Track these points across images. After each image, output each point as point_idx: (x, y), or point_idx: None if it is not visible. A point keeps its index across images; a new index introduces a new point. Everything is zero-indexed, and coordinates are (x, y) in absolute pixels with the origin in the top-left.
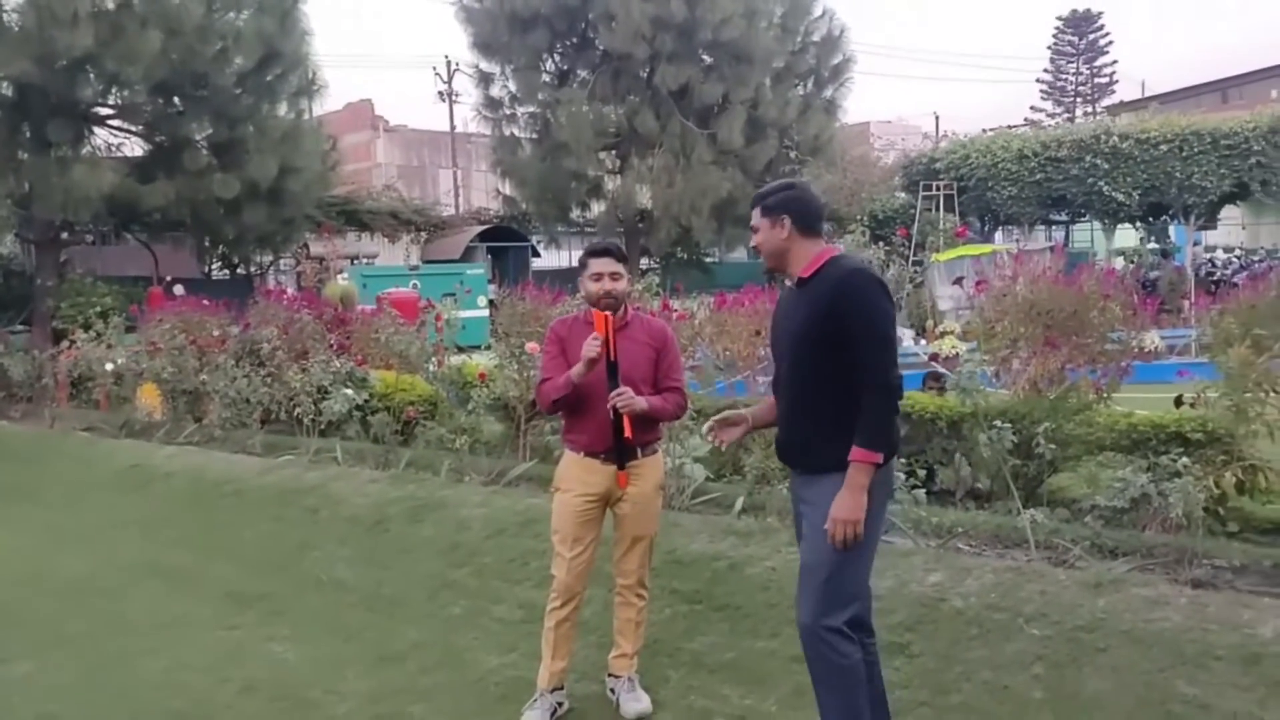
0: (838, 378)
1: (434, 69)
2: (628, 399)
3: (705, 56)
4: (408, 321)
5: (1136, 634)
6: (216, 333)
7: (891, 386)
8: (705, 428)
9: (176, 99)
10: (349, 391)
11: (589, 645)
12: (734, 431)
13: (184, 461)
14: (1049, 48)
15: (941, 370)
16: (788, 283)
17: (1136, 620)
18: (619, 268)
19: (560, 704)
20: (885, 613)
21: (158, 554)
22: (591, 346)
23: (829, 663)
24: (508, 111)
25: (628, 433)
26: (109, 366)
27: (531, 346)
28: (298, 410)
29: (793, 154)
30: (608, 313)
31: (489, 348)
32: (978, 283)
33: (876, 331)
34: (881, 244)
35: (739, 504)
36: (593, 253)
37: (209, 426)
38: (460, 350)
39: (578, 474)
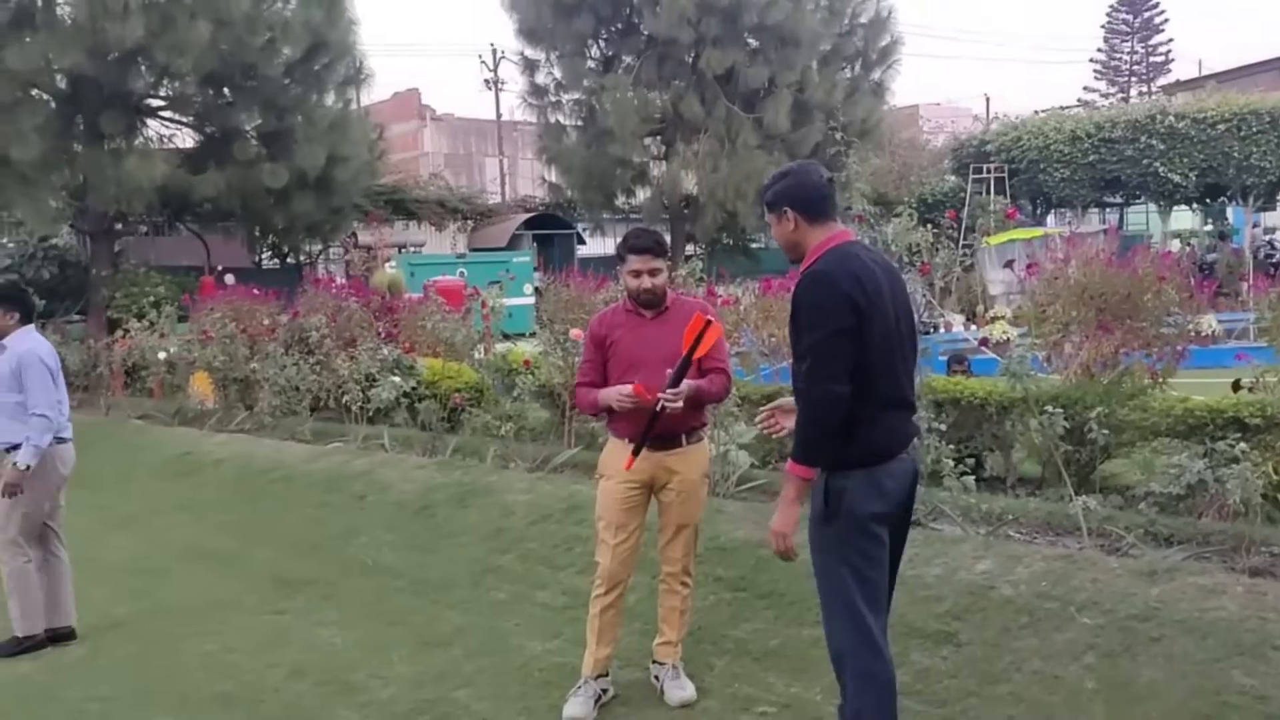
0: None
1: (480, 57)
2: (674, 402)
3: (751, 40)
4: (454, 309)
5: (1191, 623)
6: (266, 321)
7: (814, 398)
8: (760, 415)
9: (226, 90)
10: (396, 379)
11: (633, 632)
12: (792, 419)
13: (234, 448)
14: (1103, 26)
15: (966, 354)
16: None
17: (1192, 609)
18: (658, 263)
19: (605, 690)
20: (933, 600)
21: (206, 539)
22: (624, 400)
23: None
24: (553, 98)
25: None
26: (162, 355)
27: (575, 333)
28: (346, 398)
29: (839, 136)
30: (707, 319)
31: (533, 335)
32: (1029, 266)
33: (811, 338)
34: (930, 226)
35: None
36: (632, 249)
37: (259, 414)
38: (506, 337)
39: (622, 460)
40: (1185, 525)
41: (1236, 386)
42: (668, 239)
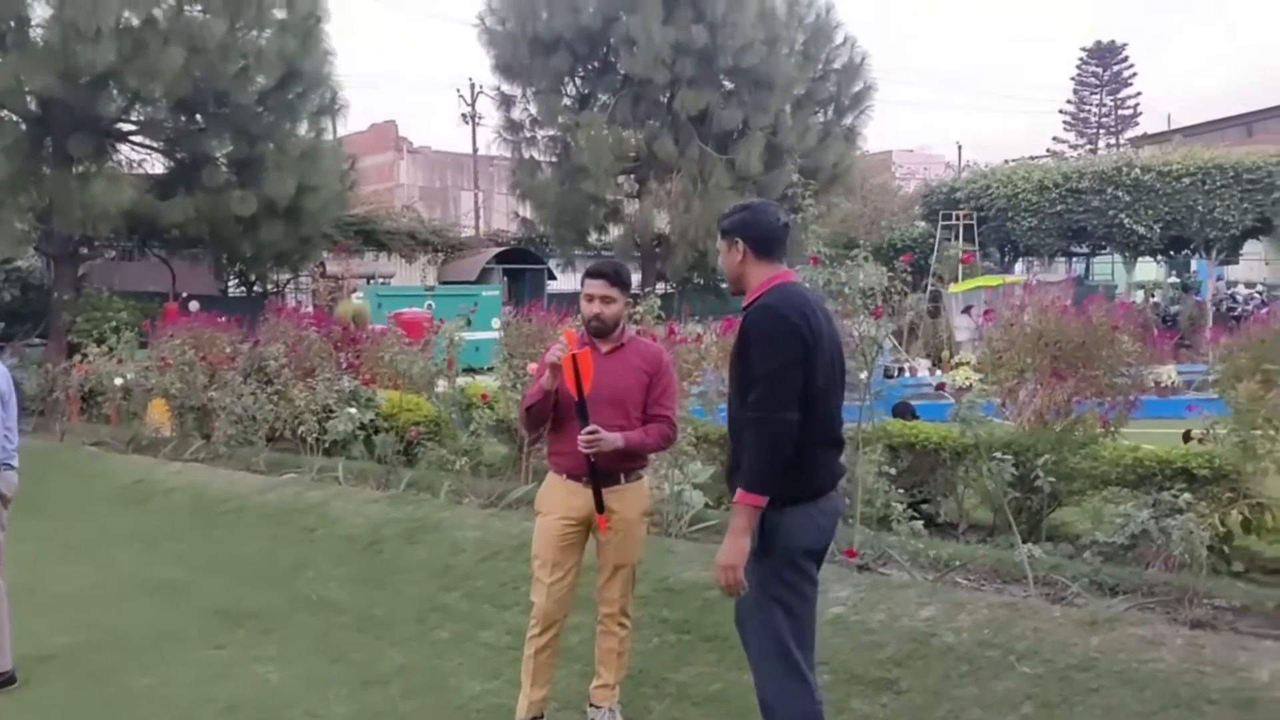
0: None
1: (458, 91)
2: (593, 440)
3: (726, 82)
4: (414, 341)
5: (1129, 674)
6: (227, 349)
7: (768, 424)
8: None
9: (198, 116)
10: (353, 411)
11: (573, 674)
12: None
13: (187, 478)
14: (1073, 79)
15: (913, 400)
16: None
17: (1130, 660)
18: (611, 291)
19: None
20: (874, 647)
21: (153, 569)
22: (555, 353)
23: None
24: (528, 134)
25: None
26: (118, 381)
27: (533, 367)
28: (302, 429)
29: (795, 177)
30: (585, 349)
31: (490, 369)
32: (986, 312)
33: (763, 368)
34: (886, 270)
35: None
36: (590, 273)
37: (215, 443)
38: (471, 371)
39: (560, 497)
40: (1131, 575)
41: (1187, 437)
42: (637, 277)
